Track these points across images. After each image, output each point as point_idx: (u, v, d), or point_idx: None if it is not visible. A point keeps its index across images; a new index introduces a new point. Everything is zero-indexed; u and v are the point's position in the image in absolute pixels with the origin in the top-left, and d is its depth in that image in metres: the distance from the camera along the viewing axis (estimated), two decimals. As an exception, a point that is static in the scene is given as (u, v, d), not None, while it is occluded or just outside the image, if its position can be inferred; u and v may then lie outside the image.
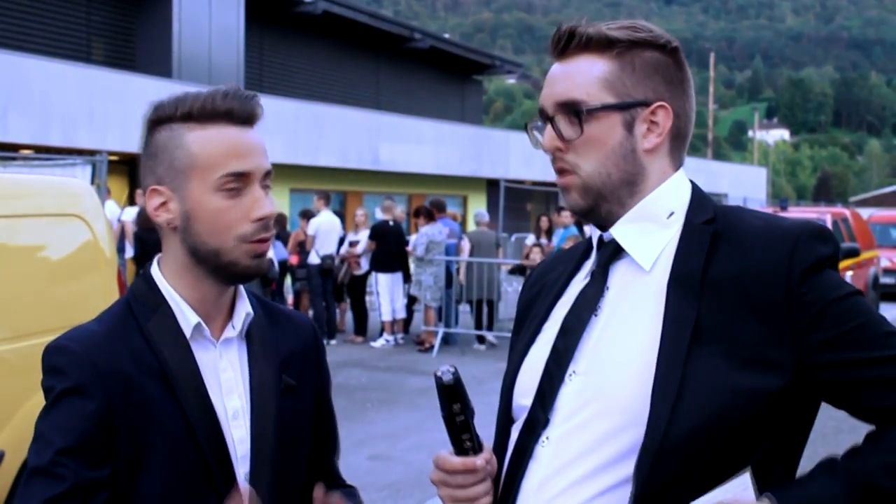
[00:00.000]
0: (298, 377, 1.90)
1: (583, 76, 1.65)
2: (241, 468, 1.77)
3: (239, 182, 1.74)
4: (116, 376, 1.70)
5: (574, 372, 1.62)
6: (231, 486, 1.73)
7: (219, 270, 1.78)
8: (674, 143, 1.69)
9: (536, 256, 14.26)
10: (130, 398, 1.70)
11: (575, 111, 1.64)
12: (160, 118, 1.78)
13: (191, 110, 1.75)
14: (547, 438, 1.61)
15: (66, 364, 1.70)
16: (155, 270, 1.83)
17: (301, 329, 1.97)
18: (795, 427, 1.60)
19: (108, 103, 18.06)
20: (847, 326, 1.53)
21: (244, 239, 1.75)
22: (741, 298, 1.54)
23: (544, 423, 1.62)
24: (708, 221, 1.63)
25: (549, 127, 1.67)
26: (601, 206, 1.67)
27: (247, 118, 1.78)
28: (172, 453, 1.71)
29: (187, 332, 1.77)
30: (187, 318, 1.78)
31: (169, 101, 1.78)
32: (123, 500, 1.69)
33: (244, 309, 1.85)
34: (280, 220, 15.30)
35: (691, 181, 1.72)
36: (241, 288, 1.88)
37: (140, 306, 1.79)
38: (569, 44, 1.67)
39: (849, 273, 14.46)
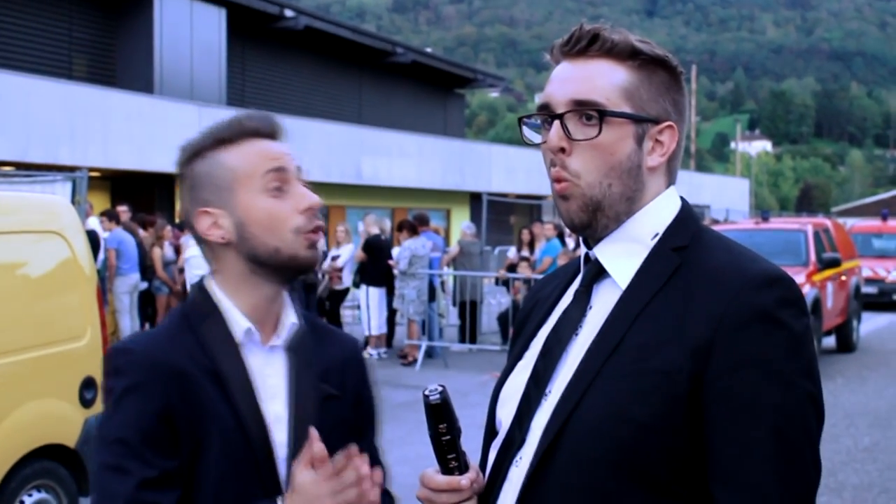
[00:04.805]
0: (338, 388, 1.98)
1: (604, 80, 1.59)
2: (280, 470, 1.85)
3: (280, 179, 1.86)
4: (174, 372, 1.79)
5: (550, 392, 1.60)
6: (275, 485, 1.82)
7: (281, 268, 1.88)
8: (671, 164, 1.66)
9: (525, 271, 14.34)
10: (187, 393, 1.80)
11: (597, 112, 1.57)
12: (193, 152, 1.91)
13: (221, 135, 1.89)
14: (520, 458, 1.60)
15: (126, 364, 1.79)
16: (208, 281, 1.93)
17: (344, 343, 2.10)
18: None
19: (90, 119, 18.02)
20: (748, 392, 1.46)
21: (299, 230, 1.86)
22: (675, 330, 1.51)
23: (520, 442, 1.61)
24: (679, 248, 1.59)
25: (556, 124, 1.60)
26: (599, 220, 1.62)
27: (270, 133, 1.92)
28: (225, 449, 1.80)
29: (238, 336, 1.87)
30: (238, 323, 1.88)
31: (197, 136, 1.92)
32: (186, 487, 1.78)
33: (289, 318, 1.95)
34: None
35: (682, 199, 1.67)
36: (288, 298, 1.98)
37: (194, 313, 1.89)
38: (590, 46, 1.61)
39: (830, 283, 14.51)
